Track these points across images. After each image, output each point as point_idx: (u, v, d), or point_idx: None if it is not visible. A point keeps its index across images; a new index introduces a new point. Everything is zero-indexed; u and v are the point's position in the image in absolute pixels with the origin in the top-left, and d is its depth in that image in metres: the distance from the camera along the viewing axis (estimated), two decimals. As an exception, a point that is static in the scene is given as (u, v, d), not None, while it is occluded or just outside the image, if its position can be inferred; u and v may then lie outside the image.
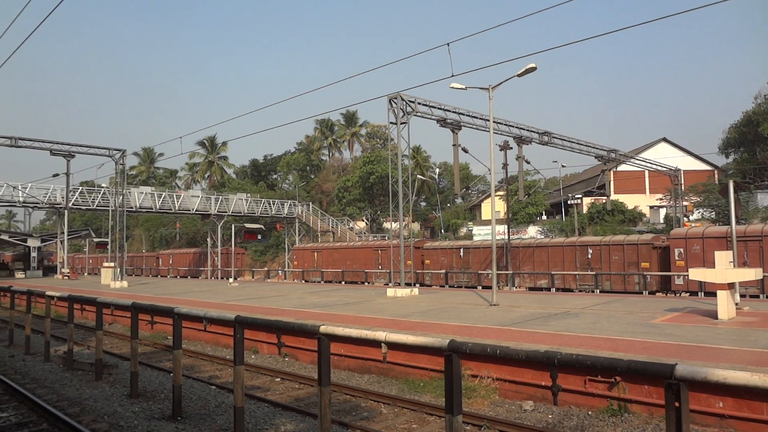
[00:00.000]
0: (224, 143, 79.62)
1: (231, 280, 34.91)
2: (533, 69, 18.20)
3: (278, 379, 12.02)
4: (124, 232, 40.21)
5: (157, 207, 44.01)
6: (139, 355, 10.81)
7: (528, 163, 31.20)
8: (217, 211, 45.81)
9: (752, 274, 14.00)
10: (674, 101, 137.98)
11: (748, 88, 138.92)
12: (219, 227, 45.92)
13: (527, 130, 28.47)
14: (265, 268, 52.67)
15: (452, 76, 15.56)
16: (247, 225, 46.67)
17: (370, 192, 56.93)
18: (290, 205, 51.66)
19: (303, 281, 39.44)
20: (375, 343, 11.89)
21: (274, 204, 50.44)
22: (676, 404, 4.60)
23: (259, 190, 63.08)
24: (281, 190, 69.86)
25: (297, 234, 52.12)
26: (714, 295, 14.12)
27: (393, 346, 11.63)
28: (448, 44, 15.01)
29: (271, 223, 55.72)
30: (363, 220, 61.25)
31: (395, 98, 22.62)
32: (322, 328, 11.26)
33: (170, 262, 55.69)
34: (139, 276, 54.16)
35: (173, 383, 9.05)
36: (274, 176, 78.09)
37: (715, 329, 11.94)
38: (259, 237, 50.99)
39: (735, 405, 7.73)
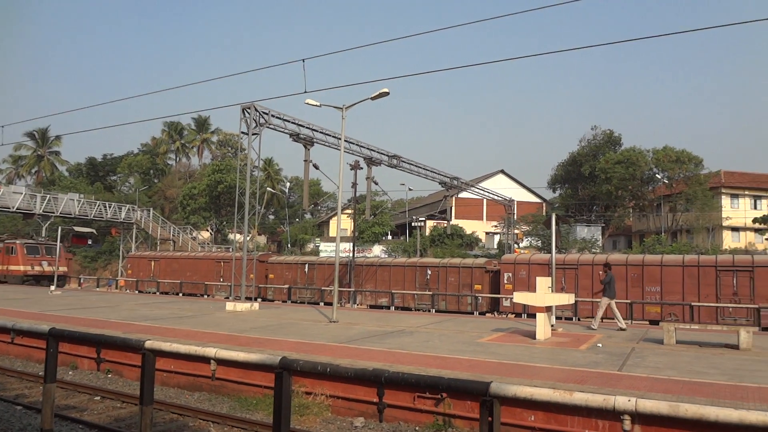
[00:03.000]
0: (57, 137, 72.98)
1: (53, 287, 31.79)
2: (386, 94, 18.77)
3: (98, 398, 11.07)
4: None
5: (-35, 202, 39.20)
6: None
7: (376, 184, 32.13)
8: (43, 211, 41.59)
9: (566, 299, 15.45)
10: (513, 137, 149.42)
11: (579, 129, 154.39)
12: (44, 229, 41.83)
13: (378, 152, 29.29)
14: (96, 276, 48.76)
15: (305, 92, 15.60)
16: (77, 228, 42.98)
17: (217, 201, 55.12)
18: (129, 209, 48.31)
19: (137, 291, 36.99)
20: (205, 360, 11.41)
21: (110, 207, 46.82)
22: (489, 419, 4.92)
23: (95, 191, 58.52)
24: (120, 193, 65.37)
25: (134, 241, 48.88)
26: (535, 317, 15.32)
27: (224, 362, 11.23)
28: (303, 60, 15.05)
29: (106, 227, 51.84)
30: (207, 230, 59.07)
31: (249, 108, 22.19)
32: (148, 343, 10.60)
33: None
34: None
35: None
36: (114, 177, 72.91)
37: (532, 348, 12.95)
38: (90, 242, 47.15)
39: (545, 418, 8.38)
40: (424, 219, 54.59)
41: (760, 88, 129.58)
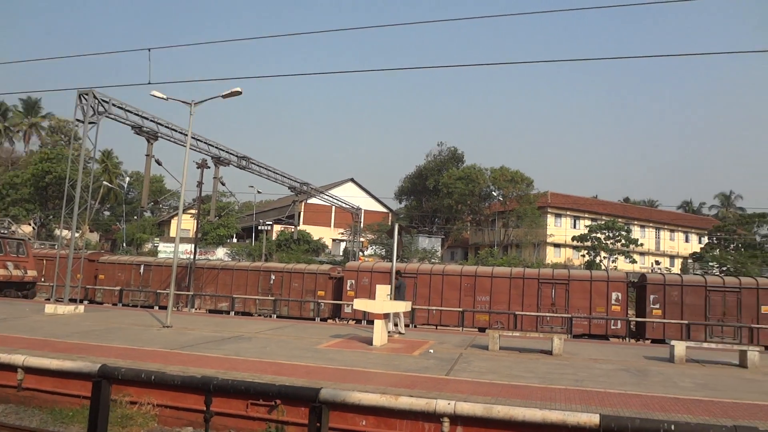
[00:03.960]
0: None
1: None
2: (238, 93, 18.34)
3: None
4: None
5: None
6: None
7: (223, 185, 31.18)
8: None
9: (404, 306, 16.05)
10: (365, 147, 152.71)
11: (427, 144, 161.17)
12: None
13: (227, 152, 28.46)
14: None
15: (149, 83, 14.77)
16: None
17: (43, 193, 50.30)
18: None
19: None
20: (12, 368, 10.32)
21: None
22: (318, 425, 4.98)
23: None
24: None
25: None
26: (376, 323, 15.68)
27: (36, 371, 10.23)
28: (149, 50, 14.25)
29: None
30: (30, 224, 53.58)
31: (86, 94, 20.48)
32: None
33: None
34: None
35: None
36: None
37: (369, 354, 13.27)
38: None
39: (375, 422, 8.61)
40: (271, 223, 53.87)
41: (585, 120, 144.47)
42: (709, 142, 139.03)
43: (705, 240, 54.69)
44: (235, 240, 56.11)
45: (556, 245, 57.61)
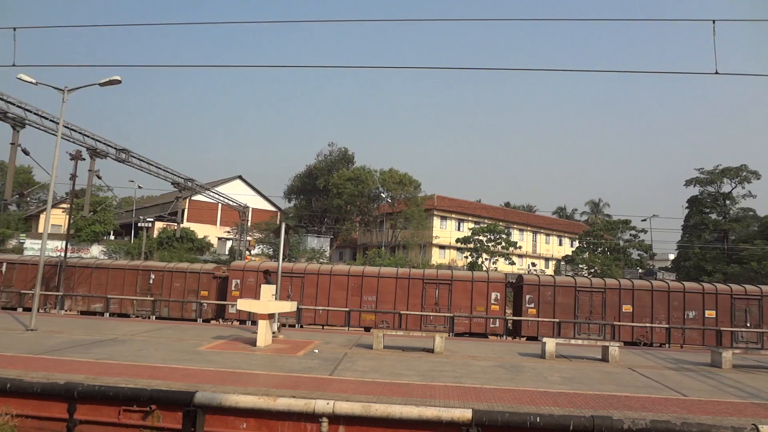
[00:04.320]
0: None
1: None
2: (118, 81, 17.38)
3: None
4: None
5: None
6: None
7: (100, 178, 29.34)
8: None
9: (290, 306, 15.89)
10: (255, 144, 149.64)
11: (318, 143, 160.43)
12: None
13: (104, 143, 26.81)
14: None
15: (14, 65, 13.62)
16: None
17: None
18: None
19: None
20: None
21: None
22: (192, 429, 4.81)
23: None
24: None
25: None
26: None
27: None
28: (14, 29, 13.13)
29: None
30: None
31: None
32: None
33: None
34: None
35: None
36: None
37: (252, 356, 13.03)
38: None
39: (256, 425, 8.45)
40: (152, 220, 51.38)
41: (471, 127, 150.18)
42: (583, 151, 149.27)
43: (576, 244, 58.50)
44: (112, 237, 52.98)
45: (442, 247, 59.42)
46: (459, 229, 60.73)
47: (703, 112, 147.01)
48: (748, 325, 22.84)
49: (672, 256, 65.86)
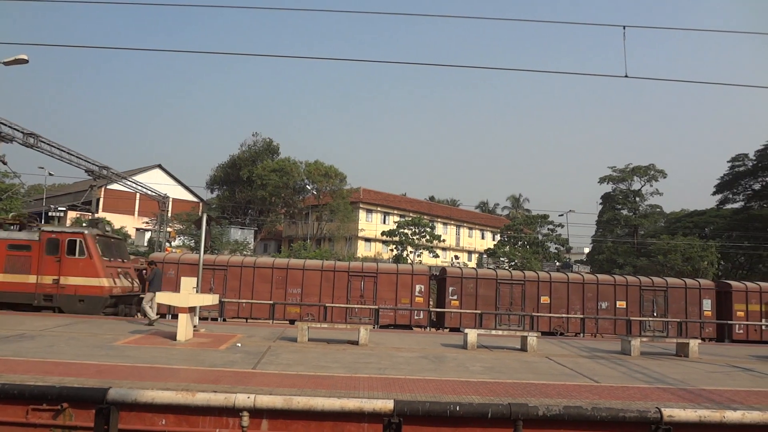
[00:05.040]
0: None
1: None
2: (24, 61, 16.36)
3: None
4: None
5: None
6: None
7: (5, 164, 27.65)
8: None
9: (211, 299, 15.51)
10: (176, 132, 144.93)
11: (242, 133, 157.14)
12: None
13: (9, 126, 25.18)
14: None
15: None
16: None
17: None
18: None
19: None
20: None
21: None
22: (105, 427, 4.61)
23: None
24: None
25: None
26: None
27: None
28: None
29: None
30: None
31: None
32: None
33: None
34: None
35: None
36: None
37: (172, 350, 12.64)
38: None
39: (176, 421, 8.20)
40: (65, 209, 48.80)
41: (398, 120, 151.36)
42: (504, 147, 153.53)
43: (498, 237, 60.24)
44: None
45: (367, 239, 59.70)
46: (384, 222, 61.20)
47: (615, 113, 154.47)
48: (655, 314, 24.28)
49: (587, 250, 69.02)
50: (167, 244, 42.67)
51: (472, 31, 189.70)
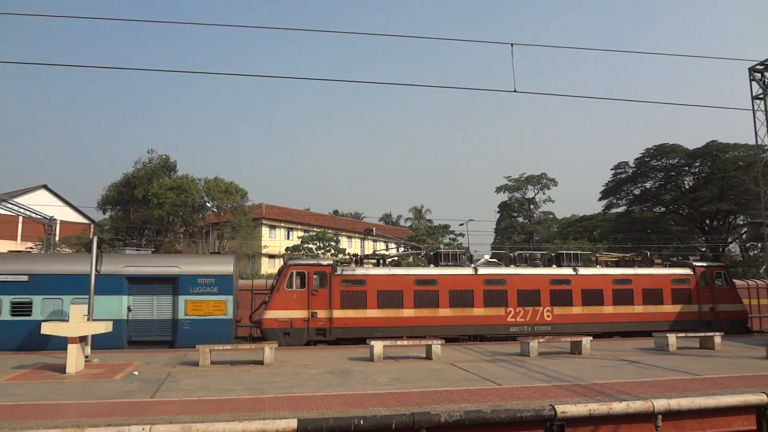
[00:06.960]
0: None
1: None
2: None
3: None
4: None
5: None
6: None
7: None
8: None
9: (104, 327, 14.66)
10: (62, 150, 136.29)
11: (136, 150, 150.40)
12: None
13: None
14: None
15: None
16: None
17: None
18: None
19: None
20: None
21: None
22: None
23: None
24: None
25: None
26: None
27: None
28: None
29: None
30: None
31: None
32: None
33: None
34: None
35: None
36: None
37: (61, 384, 11.84)
38: None
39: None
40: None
41: (299, 134, 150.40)
42: (405, 160, 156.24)
43: (402, 248, 61.08)
44: None
45: (271, 256, 58.77)
46: (288, 238, 60.53)
47: (508, 126, 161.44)
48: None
49: (487, 257, 71.41)
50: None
51: (373, 45, 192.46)
